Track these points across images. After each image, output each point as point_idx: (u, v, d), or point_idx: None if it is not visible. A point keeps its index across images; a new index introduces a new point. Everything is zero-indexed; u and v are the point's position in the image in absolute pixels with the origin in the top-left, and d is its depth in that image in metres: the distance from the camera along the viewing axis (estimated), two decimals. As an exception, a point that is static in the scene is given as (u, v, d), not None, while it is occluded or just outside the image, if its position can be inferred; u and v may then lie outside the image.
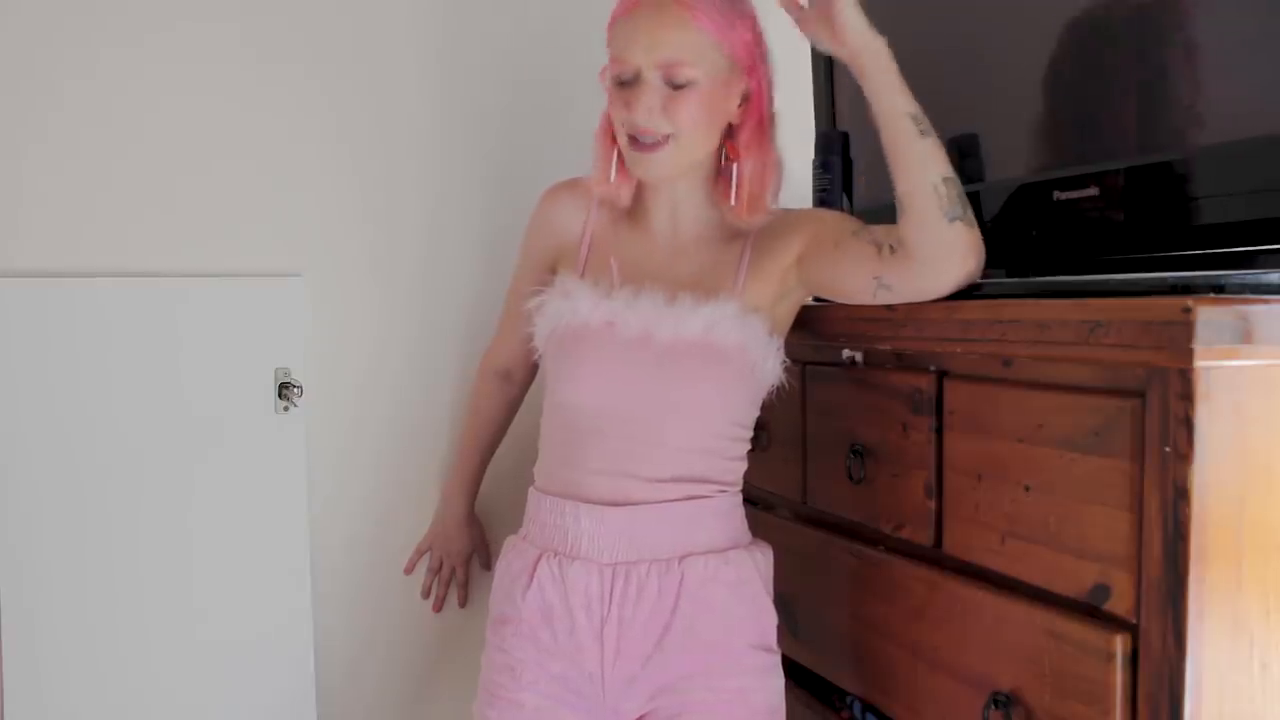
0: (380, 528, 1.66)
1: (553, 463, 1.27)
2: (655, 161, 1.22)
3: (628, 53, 1.20)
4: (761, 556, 1.26)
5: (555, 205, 1.36)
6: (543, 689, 1.21)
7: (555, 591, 1.21)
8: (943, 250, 1.11)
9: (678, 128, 1.20)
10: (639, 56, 1.19)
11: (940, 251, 1.11)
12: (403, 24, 1.64)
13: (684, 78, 1.18)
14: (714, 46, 1.19)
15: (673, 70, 1.18)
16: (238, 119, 1.55)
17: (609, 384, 1.21)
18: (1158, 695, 0.86)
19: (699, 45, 1.18)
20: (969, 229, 1.11)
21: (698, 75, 1.18)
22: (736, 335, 1.20)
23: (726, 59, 1.20)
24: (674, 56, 1.18)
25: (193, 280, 1.52)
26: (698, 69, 1.18)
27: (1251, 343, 0.82)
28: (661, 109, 1.19)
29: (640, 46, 1.19)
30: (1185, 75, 1.07)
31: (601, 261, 1.29)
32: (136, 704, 1.50)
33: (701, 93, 1.19)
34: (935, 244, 1.11)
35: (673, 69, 1.18)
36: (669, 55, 1.18)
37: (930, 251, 1.11)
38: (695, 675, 1.19)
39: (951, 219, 1.10)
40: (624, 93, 1.21)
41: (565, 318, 1.24)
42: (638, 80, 1.20)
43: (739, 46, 1.21)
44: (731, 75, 1.22)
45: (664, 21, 1.18)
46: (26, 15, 1.43)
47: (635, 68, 1.19)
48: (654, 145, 1.21)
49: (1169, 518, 0.84)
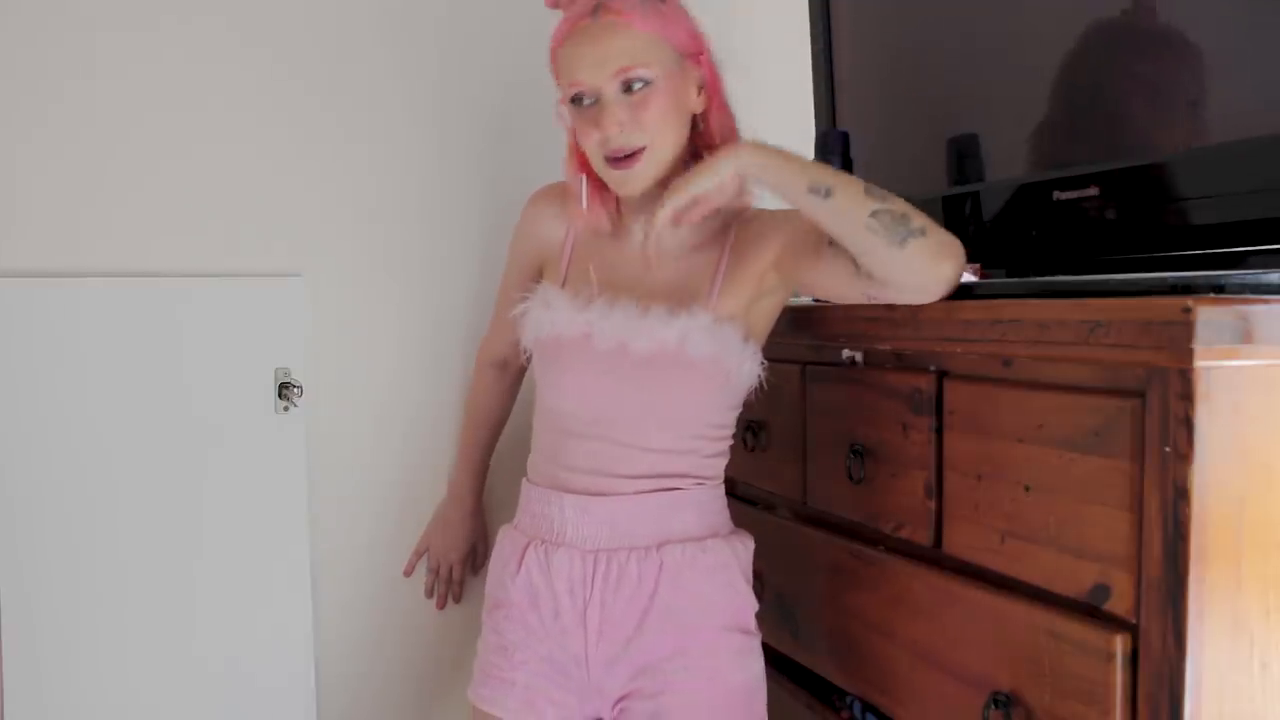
0: (380, 527, 1.66)
1: (541, 458, 1.31)
2: (635, 175, 1.23)
3: (579, 74, 1.20)
4: (741, 546, 1.29)
5: (538, 212, 1.39)
6: (533, 669, 1.26)
7: (541, 576, 1.25)
8: (908, 272, 1.10)
9: (648, 133, 1.21)
10: (592, 75, 1.20)
11: (906, 274, 1.11)
12: (402, 24, 1.64)
13: (640, 78, 1.19)
14: (658, 44, 1.20)
15: (628, 75, 1.19)
16: (238, 119, 1.55)
17: (588, 392, 1.25)
18: (1158, 695, 0.86)
19: (644, 46, 1.19)
20: (925, 239, 1.09)
21: (653, 74, 1.19)
22: (709, 346, 1.21)
23: (673, 52, 1.22)
24: (625, 62, 1.19)
25: (193, 280, 1.52)
26: (651, 68, 1.19)
27: (1251, 343, 0.82)
28: (630, 120, 1.20)
29: (590, 64, 1.20)
30: (1185, 75, 1.07)
31: (583, 270, 1.31)
32: (136, 704, 1.50)
33: (661, 91, 1.20)
34: (899, 270, 1.11)
35: (628, 74, 1.19)
36: (620, 63, 1.19)
37: (897, 278, 1.11)
38: (674, 656, 1.22)
39: (902, 241, 1.09)
40: (588, 114, 1.22)
41: (545, 328, 1.27)
42: (598, 99, 1.21)
43: (681, 37, 1.23)
44: (682, 67, 1.23)
45: (602, 34, 1.19)
46: (25, 13, 1.44)
47: (592, 87, 1.20)
48: (630, 159, 1.22)
49: (1169, 518, 0.84)
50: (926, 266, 1.10)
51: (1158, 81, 1.09)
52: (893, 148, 1.25)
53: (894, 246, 1.09)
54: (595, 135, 1.21)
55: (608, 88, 1.20)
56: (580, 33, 1.20)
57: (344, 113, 1.61)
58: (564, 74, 1.23)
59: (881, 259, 1.10)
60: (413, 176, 1.66)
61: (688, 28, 1.24)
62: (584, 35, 1.20)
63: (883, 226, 1.09)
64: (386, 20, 1.63)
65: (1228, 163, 1.00)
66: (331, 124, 1.61)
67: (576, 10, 1.21)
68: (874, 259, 1.11)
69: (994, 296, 1.06)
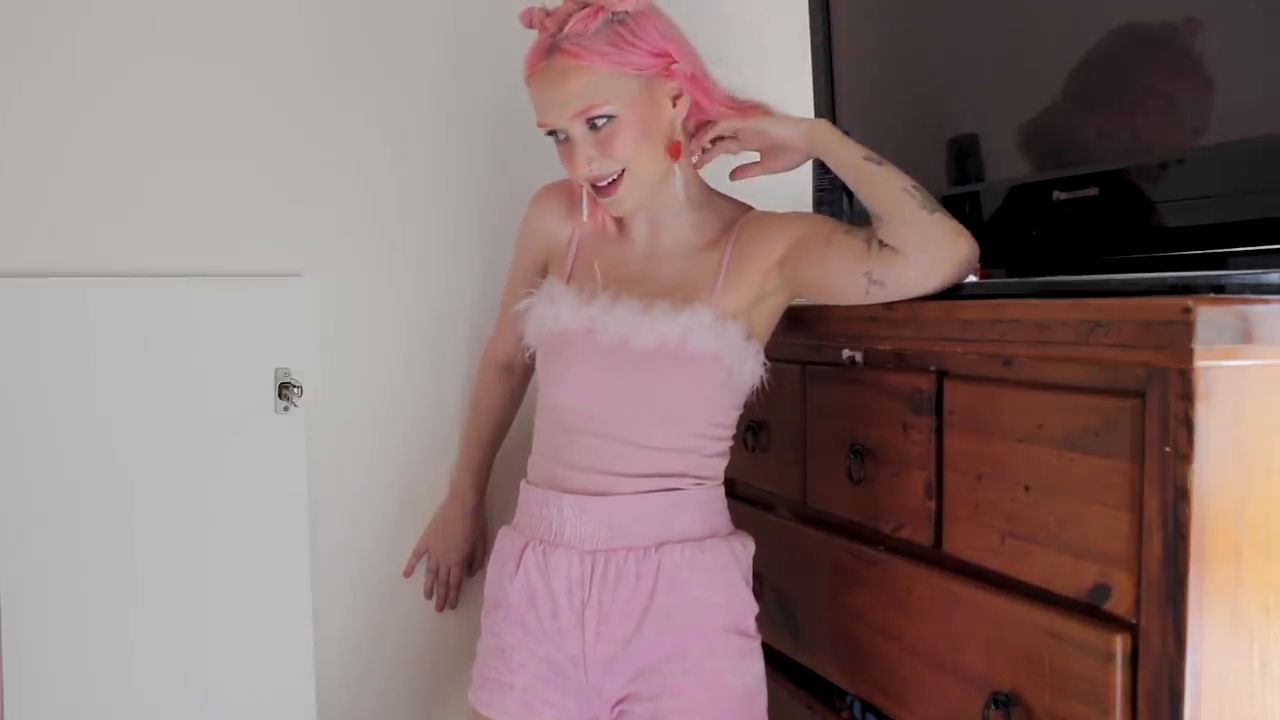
0: (380, 527, 1.66)
1: (541, 457, 1.31)
2: (620, 199, 1.25)
3: (543, 115, 1.23)
4: (740, 546, 1.28)
5: (543, 209, 1.39)
6: (531, 670, 1.26)
7: (539, 577, 1.25)
8: (929, 240, 1.14)
9: (621, 161, 1.22)
10: (555, 117, 1.21)
11: (927, 241, 1.14)
12: (403, 24, 1.64)
13: (602, 115, 1.19)
14: (615, 77, 1.19)
15: (588, 115, 1.19)
16: (238, 119, 1.55)
17: (590, 388, 1.25)
18: (1158, 695, 0.86)
19: (601, 82, 1.19)
20: (950, 217, 1.15)
21: (615, 108, 1.19)
22: (711, 343, 1.21)
23: (635, 78, 1.20)
24: (582, 105, 1.19)
25: (193, 280, 1.52)
26: (611, 103, 1.19)
27: (1251, 343, 0.82)
28: (599, 154, 1.21)
29: (550, 108, 1.21)
30: (1185, 75, 1.07)
31: (588, 266, 1.32)
32: (136, 703, 1.50)
33: (625, 122, 1.20)
34: (921, 235, 1.14)
35: (588, 114, 1.19)
36: (577, 106, 1.19)
37: (918, 243, 1.14)
38: (673, 658, 1.22)
39: (931, 211, 1.15)
40: (563, 149, 1.24)
41: (549, 323, 1.28)
42: (567, 138, 1.22)
43: (641, 59, 1.20)
44: (649, 88, 1.22)
45: (556, 78, 1.19)
46: (23, 13, 1.43)
47: (559, 127, 1.22)
48: (612, 185, 1.23)
49: (1169, 518, 0.85)
50: (947, 238, 1.14)
51: (1158, 81, 1.09)
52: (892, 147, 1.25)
53: (925, 211, 1.15)
54: (571, 171, 1.24)
55: (573, 128, 1.21)
56: (539, 75, 1.21)
57: (344, 113, 1.61)
58: (535, 110, 1.24)
59: (910, 221, 1.15)
60: (413, 176, 1.66)
61: (649, 45, 1.21)
62: (542, 78, 1.21)
63: (920, 194, 1.17)
64: (387, 20, 1.63)
65: (1227, 163, 1.00)
66: (332, 124, 1.61)
67: (535, 49, 1.22)
68: (903, 221, 1.15)
69: (994, 296, 1.06)
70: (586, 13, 1.18)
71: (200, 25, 1.52)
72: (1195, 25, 1.05)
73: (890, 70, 1.49)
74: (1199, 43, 1.05)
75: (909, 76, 1.13)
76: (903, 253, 1.15)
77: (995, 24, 1.29)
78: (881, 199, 1.18)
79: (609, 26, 1.18)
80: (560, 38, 1.18)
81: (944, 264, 1.14)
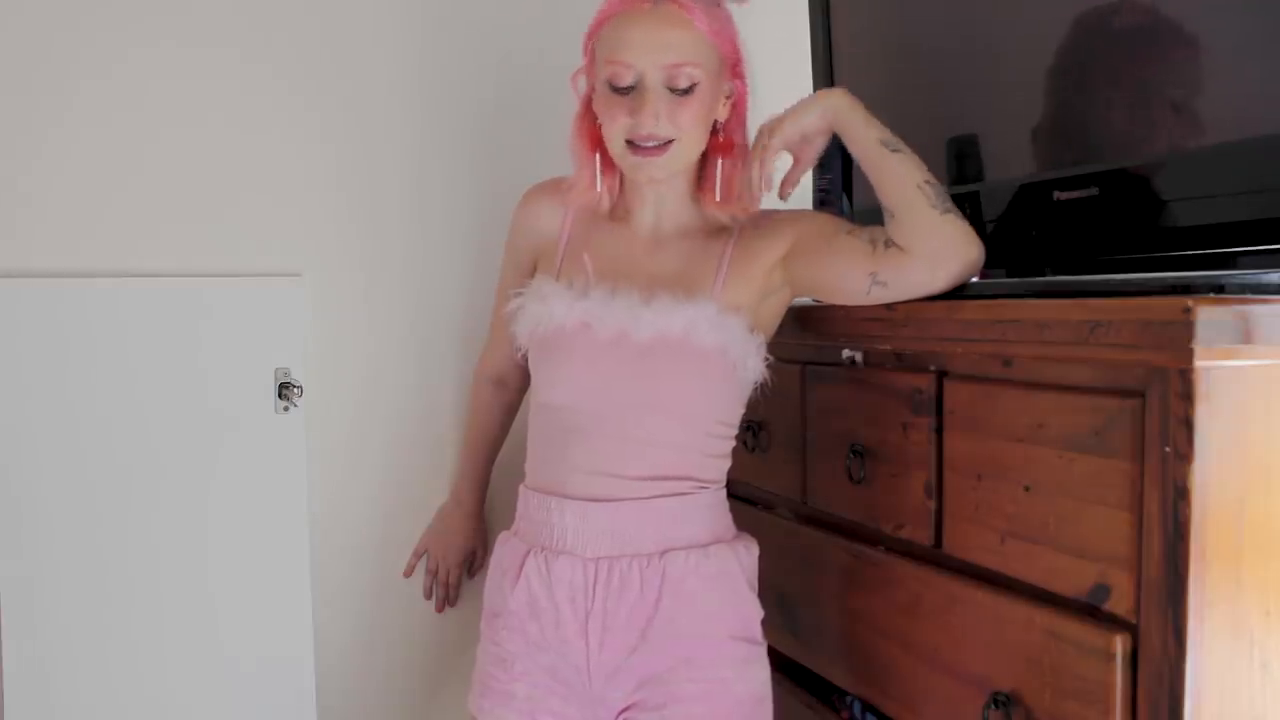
0: (380, 527, 1.66)
1: (539, 461, 1.29)
2: (657, 165, 1.21)
3: (628, 55, 1.18)
4: (745, 551, 1.27)
5: (532, 208, 1.36)
6: (533, 680, 1.24)
7: (541, 586, 1.23)
8: (938, 241, 1.13)
9: (681, 131, 1.20)
10: (642, 60, 1.17)
11: (935, 243, 1.13)
12: (402, 25, 1.64)
13: (688, 79, 1.18)
14: (711, 46, 1.20)
15: (677, 72, 1.17)
16: (239, 120, 1.55)
17: (588, 384, 1.22)
18: (1158, 695, 0.86)
19: (700, 45, 1.18)
20: (961, 220, 1.14)
21: (700, 76, 1.18)
22: (715, 336, 1.20)
23: (719, 59, 1.21)
24: (680, 58, 1.17)
25: (193, 280, 1.52)
26: (700, 70, 1.18)
27: (1251, 343, 0.82)
28: (668, 114, 1.18)
29: (643, 49, 1.17)
30: (1185, 75, 1.07)
31: (578, 260, 1.29)
32: (136, 703, 1.50)
33: (703, 94, 1.19)
34: (930, 235, 1.13)
35: (678, 70, 1.17)
36: (675, 57, 1.17)
37: (926, 244, 1.13)
38: (679, 666, 1.20)
39: (943, 211, 1.13)
40: (623, 100, 1.19)
41: (542, 322, 1.25)
42: (640, 85, 1.18)
43: (728, 45, 1.22)
44: (721, 75, 1.23)
45: (662, 21, 1.17)
46: (33, 18, 1.44)
47: (637, 72, 1.18)
48: (657, 150, 1.20)
49: (1169, 518, 0.84)
50: (956, 239, 1.13)
51: (1158, 81, 1.09)
52: (893, 148, 1.25)
53: (936, 210, 1.14)
54: (624, 120, 1.19)
55: (653, 75, 1.17)
56: (638, 14, 1.18)
57: (344, 113, 1.61)
58: (605, 51, 1.20)
59: (920, 219, 1.13)
60: (413, 177, 1.66)
61: (734, 39, 1.23)
62: (642, 17, 1.18)
63: (933, 191, 1.14)
64: (386, 21, 1.63)
65: (1228, 163, 1.00)
66: (332, 124, 1.61)
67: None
68: (913, 218, 1.14)
69: (994, 296, 1.06)
70: None
71: (200, 26, 1.52)
72: (1196, 25, 1.05)
73: (890, 70, 1.49)
74: (1199, 42, 1.05)
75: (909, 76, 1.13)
76: (910, 253, 1.14)
77: (995, 24, 1.29)
78: (893, 192, 1.16)
79: (712, 4, 1.20)
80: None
81: (951, 267, 1.13)
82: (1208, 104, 1.04)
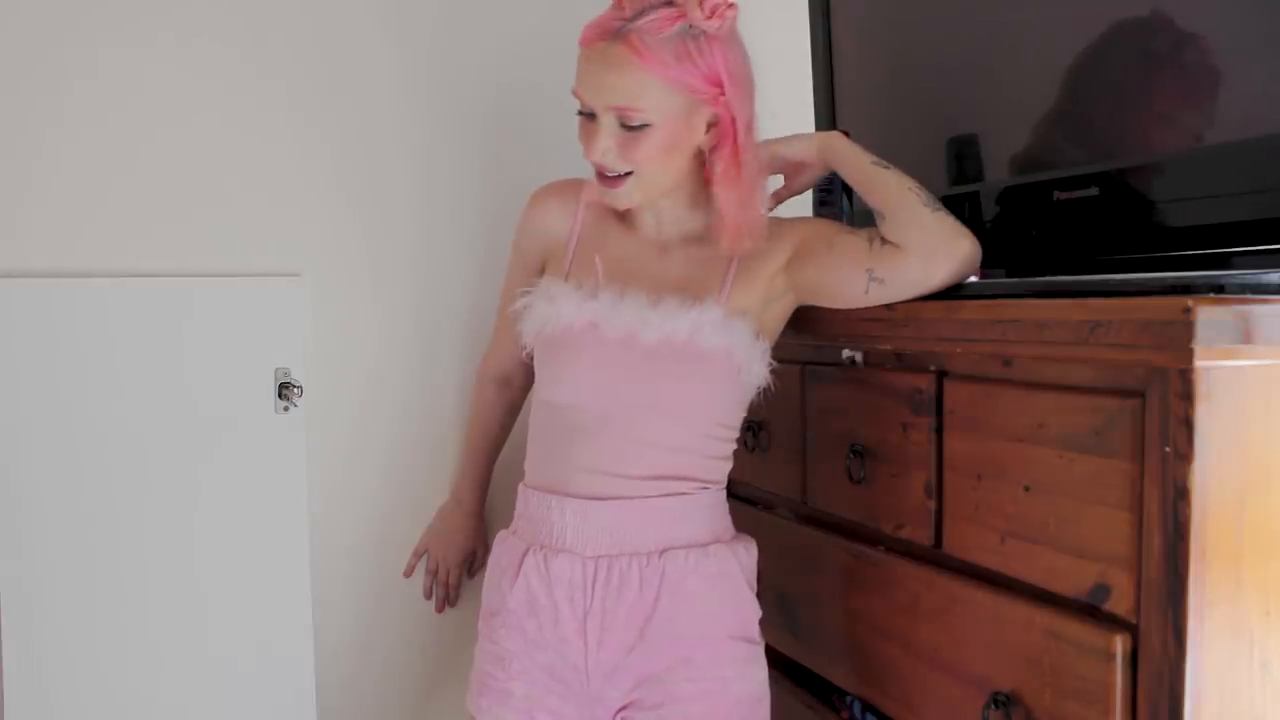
0: (381, 527, 1.66)
1: (540, 459, 1.29)
2: (618, 195, 1.23)
3: (581, 90, 1.19)
4: (744, 551, 1.27)
5: (541, 208, 1.37)
6: (531, 678, 1.24)
7: (540, 584, 1.23)
8: (928, 234, 1.15)
9: (636, 164, 1.20)
10: (591, 99, 1.18)
11: (928, 236, 1.15)
12: (402, 24, 1.64)
13: (638, 120, 1.17)
14: (662, 89, 1.16)
15: (625, 114, 1.17)
16: (238, 119, 1.55)
17: (593, 384, 1.23)
18: (1158, 695, 0.86)
19: (647, 88, 1.15)
20: (951, 217, 1.16)
21: (651, 118, 1.17)
22: (721, 339, 1.20)
23: (682, 97, 1.17)
24: (623, 102, 1.16)
25: (193, 280, 1.52)
26: (651, 112, 1.16)
27: (1251, 343, 0.82)
28: (617, 150, 1.19)
29: (592, 89, 1.18)
30: (1186, 75, 1.07)
31: (587, 261, 1.29)
32: (135, 703, 1.50)
33: (657, 132, 1.18)
34: (920, 229, 1.15)
35: (624, 113, 1.17)
36: (619, 100, 1.16)
37: (919, 238, 1.15)
38: (677, 666, 1.21)
39: (934, 209, 1.16)
40: (585, 125, 1.21)
41: (549, 321, 1.25)
42: (594, 118, 1.19)
43: (696, 81, 1.16)
44: (692, 109, 1.19)
45: (611, 64, 1.15)
46: (31, 16, 1.43)
47: (590, 106, 1.19)
48: (616, 180, 1.22)
49: (1169, 518, 0.84)
50: (948, 234, 1.15)
51: (1158, 81, 1.09)
52: (893, 148, 1.25)
53: (927, 209, 1.17)
54: (586, 149, 1.22)
55: (603, 114, 1.18)
56: (595, 52, 1.17)
57: (344, 113, 1.61)
58: (576, 77, 1.20)
59: (913, 217, 1.16)
60: (413, 177, 1.66)
61: (708, 70, 1.16)
62: (597, 56, 1.17)
63: (924, 194, 1.19)
64: (386, 21, 1.63)
65: (1227, 163, 1.00)
66: (331, 124, 1.61)
67: (602, 24, 1.17)
68: (906, 217, 1.16)
69: (994, 296, 1.06)
70: (667, 14, 1.14)
71: (198, 23, 1.52)
72: (1196, 25, 1.05)
73: (890, 70, 1.49)
74: (1199, 42, 1.05)
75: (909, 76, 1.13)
76: (904, 249, 1.15)
77: (995, 24, 1.30)
78: (885, 196, 1.19)
79: (681, 37, 1.15)
80: (631, 27, 1.14)
81: (945, 260, 1.14)
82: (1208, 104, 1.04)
